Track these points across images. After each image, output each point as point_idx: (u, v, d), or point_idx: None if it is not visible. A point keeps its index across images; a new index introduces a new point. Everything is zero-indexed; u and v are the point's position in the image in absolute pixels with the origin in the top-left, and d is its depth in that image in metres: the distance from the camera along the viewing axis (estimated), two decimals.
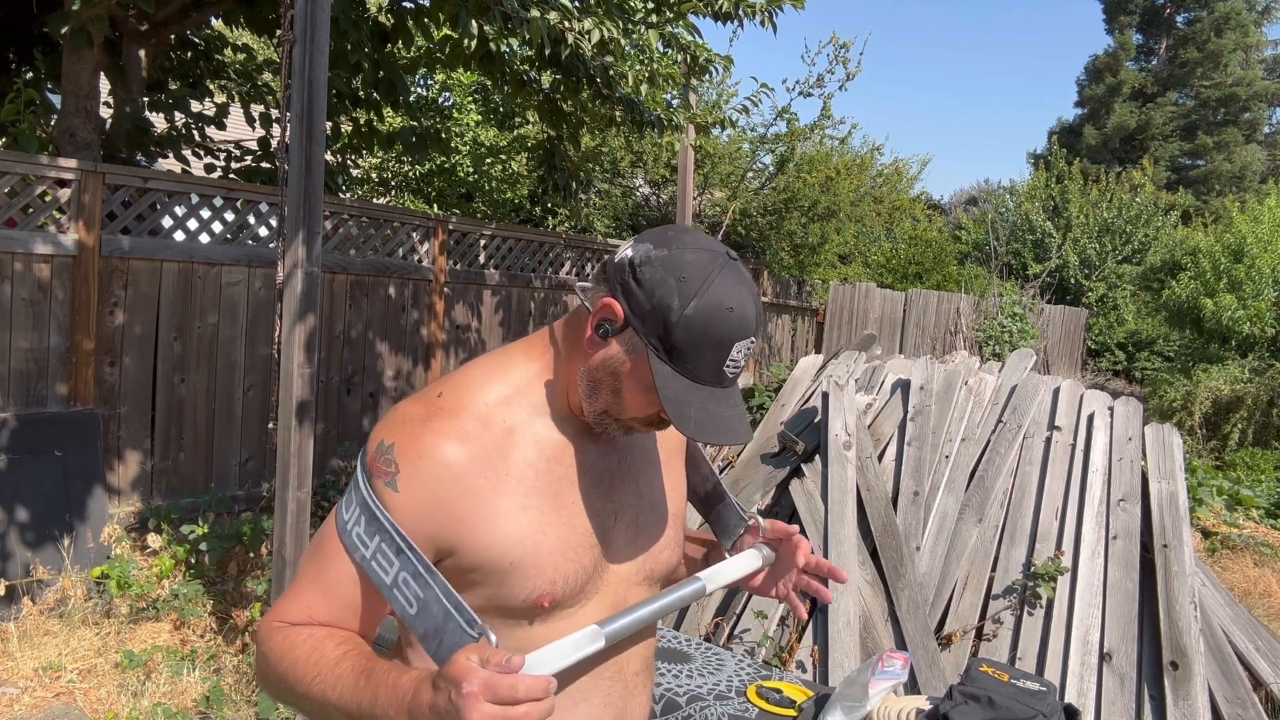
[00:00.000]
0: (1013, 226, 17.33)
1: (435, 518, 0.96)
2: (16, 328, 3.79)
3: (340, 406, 5.22)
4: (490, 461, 0.98)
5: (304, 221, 2.90)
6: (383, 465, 0.97)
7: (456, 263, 5.90)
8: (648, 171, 9.91)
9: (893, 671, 1.90)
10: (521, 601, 0.99)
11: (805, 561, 1.16)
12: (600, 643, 0.95)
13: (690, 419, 0.93)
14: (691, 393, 0.94)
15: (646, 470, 1.14)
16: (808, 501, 3.58)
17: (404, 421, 0.99)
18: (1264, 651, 3.20)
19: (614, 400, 0.99)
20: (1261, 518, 6.53)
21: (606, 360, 0.98)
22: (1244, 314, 10.77)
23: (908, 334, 11.73)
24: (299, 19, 2.83)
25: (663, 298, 0.93)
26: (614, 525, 1.08)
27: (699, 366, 0.94)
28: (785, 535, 1.18)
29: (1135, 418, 3.70)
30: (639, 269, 0.95)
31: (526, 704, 0.77)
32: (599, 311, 0.97)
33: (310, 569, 1.01)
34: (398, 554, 0.93)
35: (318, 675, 0.92)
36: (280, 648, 0.96)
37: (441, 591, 0.91)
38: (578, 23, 4.13)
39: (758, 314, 0.97)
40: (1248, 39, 25.08)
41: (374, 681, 0.87)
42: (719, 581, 1.15)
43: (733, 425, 0.96)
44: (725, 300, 0.93)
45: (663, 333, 0.93)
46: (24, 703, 2.96)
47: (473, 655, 0.79)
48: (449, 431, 0.97)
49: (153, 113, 5.10)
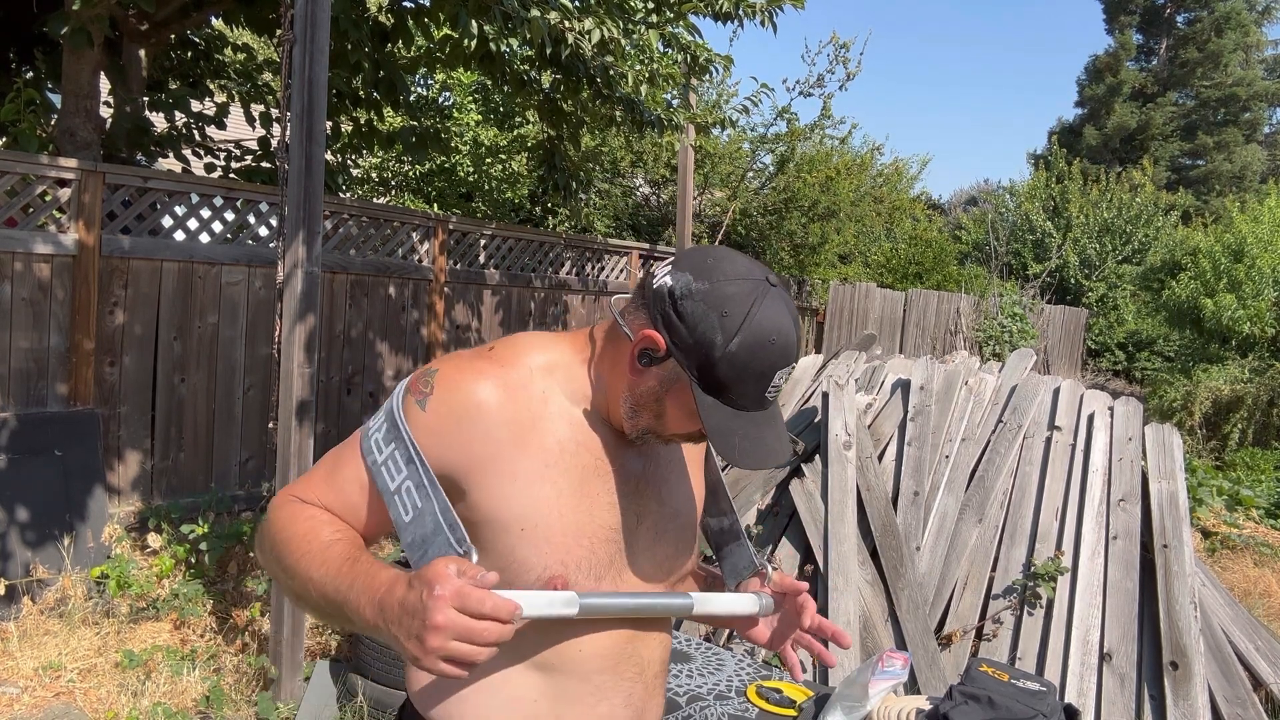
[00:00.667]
0: (1013, 226, 17.33)
1: (453, 448, 0.97)
2: (16, 327, 3.79)
3: (340, 406, 5.22)
4: (520, 420, 0.99)
5: (304, 221, 2.90)
6: (420, 385, 1.00)
7: (456, 263, 5.90)
8: (648, 171, 9.91)
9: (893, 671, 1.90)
10: (534, 580, 0.99)
11: (810, 623, 1.14)
12: (573, 609, 0.95)
13: (735, 447, 0.95)
14: (735, 421, 0.96)
15: (670, 478, 1.14)
16: (808, 501, 3.58)
17: (454, 357, 1.03)
18: (1264, 651, 3.20)
19: (656, 422, 1.01)
20: (1261, 518, 6.53)
21: (650, 389, 0.99)
22: (1244, 314, 10.77)
23: (908, 334, 11.73)
24: (299, 19, 2.83)
25: (705, 333, 0.93)
26: (636, 527, 1.08)
27: (741, 396, 0.95)
28: (792, 591, 1.16)
29: (1135, 418, 3.70)
30: (680, 302, 0.95)
31: (489, 621, 0.80)
32: (640, 341, 0.98)
33: (326, 463, 1.05)
34: (407, 463, 0.96)
35: (308, 550, 0.94)
36: (285, 517, 1.00)
37: (439, 506, 0.93)
38: (578, 22, 4.13)
39: (799, 336, 0.98)
40: (1248, 39, 25.07)
41: (356, 569, 0.90)
42: (707, 609, 1.13)
43: (775, 448, 0.98)
44: (768, 333, 0.93)
45: (706, 367, 0.94)
46: (24, 702, 2.96)
47: (451, 565, 0.81)
48: (491, 374, 1.00)
49: (153, 112, 5.10)
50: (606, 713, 1.07)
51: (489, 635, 0.80)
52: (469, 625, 0.79)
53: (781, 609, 1.18)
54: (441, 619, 0.78)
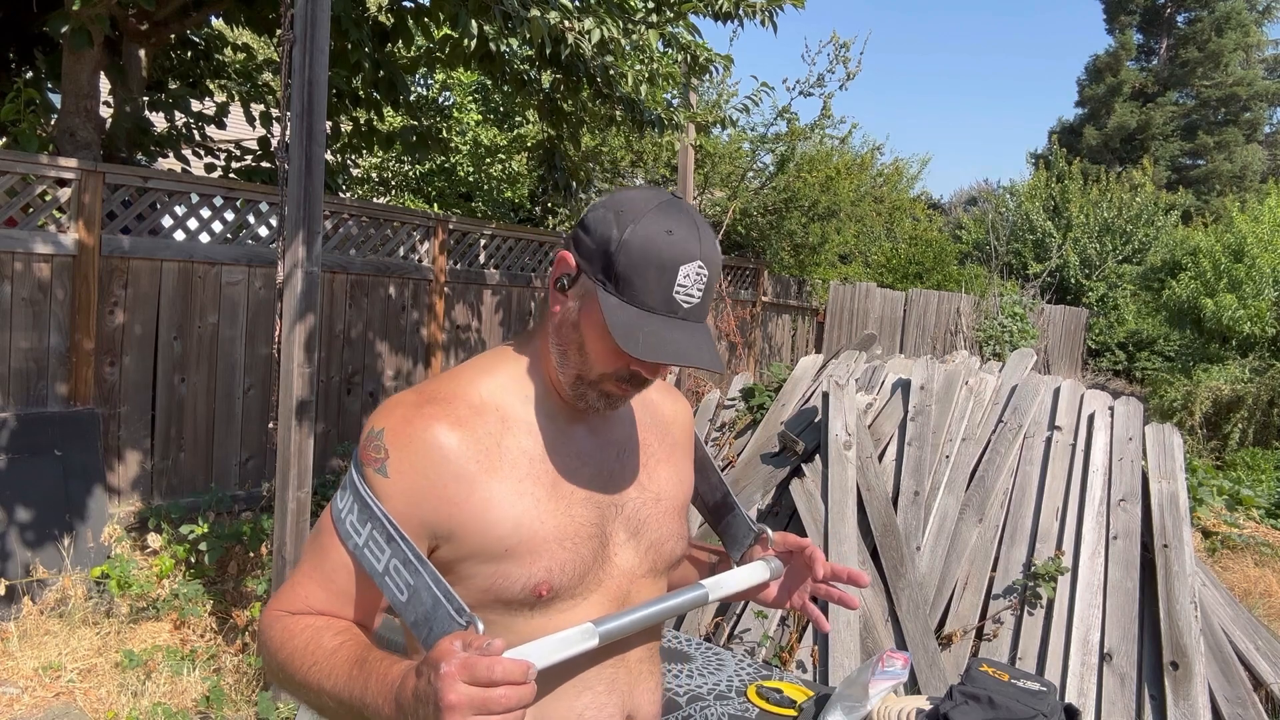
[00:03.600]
0: (1013, 226, 17.31)
1: (427, 501, 0.96)
2: (16, 327, 3.79)
3: (340, 406, 5.22)
4: (483, 446, 0.98)
5: (304, 221, 2.90)
6: (372, 452, 0.97)
7: (456, 262, 5.90)
8: (648, 171, 9.90)
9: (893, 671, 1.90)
10: (519, 591, 0.98)
11: (823, 571, 1.14)
12: (593, 641, 0.94)
13: (638, 341, 0.92)
14: (641, 319, 0.94)
15: (648, 463, 1.13)
16: (808, 501, 3.58)
17: (394, 407, 1.00)
18: (1264, 651, 3.19)
19: (581, 358, 0.99)
20: (1262, 518, 6.53)
21: (566, 313, 1.00)
22: (1244, 314, 10.77)
23: (908, 334, 11.72)
24: (299, 18, 2.82)
25: (603, 232, 0.95)
26: (616, 517, 1.07)
27: (645, 293, 0.94)
28: (796, 548, 1.16)
29: (1136, 417, 3.70)
30: (585, 218, 0.99)
31: (504, 686, 0.77)
32: (555, 267, 1.01)
33: (308, 559, 1.01)
34: (388, 541, 0.93)
35: (314, 664, 0.93)
36: (280, 637, 0.97)
37: (430, 579, 0.91)
38: (578, 22, 4.13)
39: (706, 244, 0.96)
40: (1248, 39, 25.06)
41: (366, 670, 0.88)
42: (723, 591, 1.13)
43: (687, 350, 0.94)
44: (663, 224, 0.94)
45: (606, 264, 0.95)
46: (24, 702, 2.96)
47: (456, 640, 0.80)
48: (440, 415, 0.98)
49: (153, 112, 5.10)
50: (590, 701, 1.06)
51: (508, 701, 0.77)
52: (484, 696, 0.77)
53: (790, 566, 1.18)
54: (454, 697, 0.76)
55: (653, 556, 1.11)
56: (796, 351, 10.83)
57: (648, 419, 1.17)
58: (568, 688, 1.04)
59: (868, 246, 13.83)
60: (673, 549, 1.14)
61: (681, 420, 1.22)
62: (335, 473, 4.85)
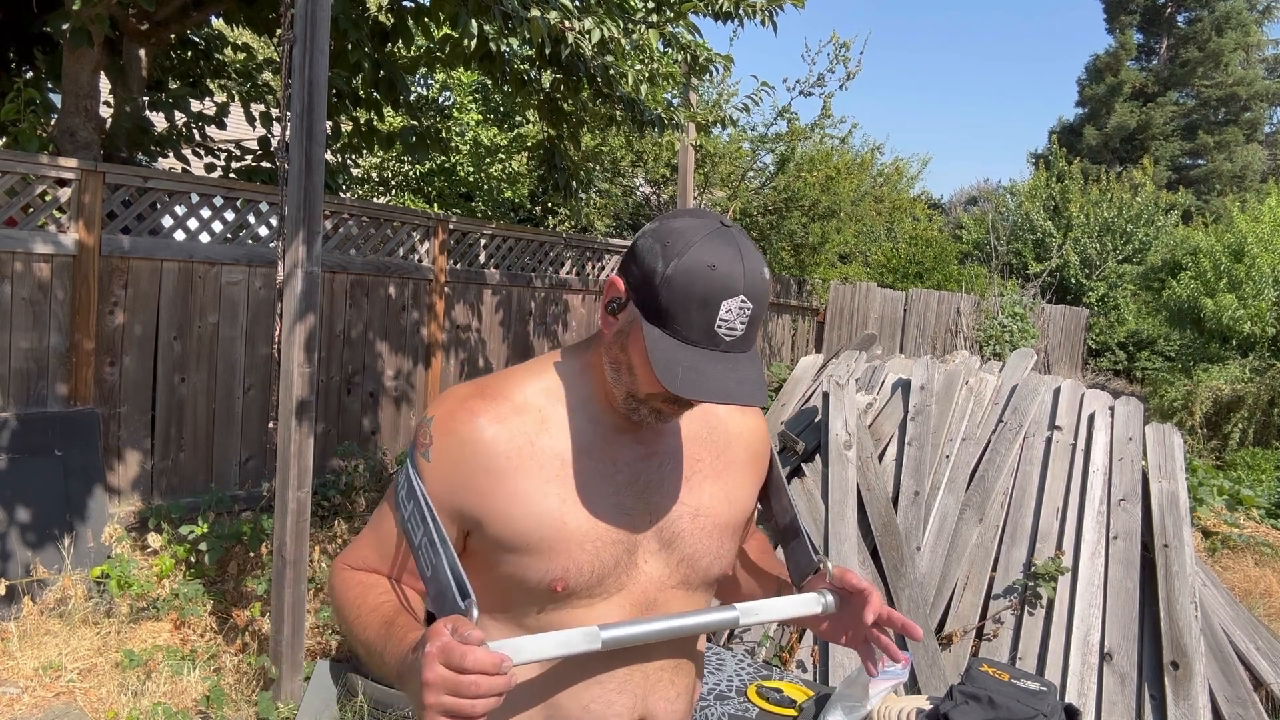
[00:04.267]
0: (1013, 226, 17.31)
1: (460, 490, 1.03)
2: (16, 327, 3.79)
3: (340, 406, 5.22)
4: (516, 444, 1.03)
5: (304, 221, 2.90)
6: (422, 437, 1.06)
7: (456, 262, 5.89)
8: (648, 171, 9.91)
9: (893, 671, 1.90)
10: (536, 584, 1.03)
11: (875, 617, 1.11)
12: (596, 645, 0.96)
13: (677, 376, 0.92)
14: (680, 352, 0.94)
15: (692, 478, 1.12)
16: (808, 501, 3.58)
17: (447, 398, 1.07)
18: (1264, 651, 3.19)
19: (630, 378, 1.01)
20: (1262, 517, 6.53)
21: (616, 336, 1.01)
22: (1244, 313, 10.77)
23: (908, 334, 11.72)
24: (299, 18, 2.82)
25: (649, 264, 0.96)
26: (649, 526, 1.07)
27: (687, 326, 0.94)
28: (854, 589, 1.12)
29: (1136, 417, 3.70)
30: (636, 243, 1.00)
31: (476, 674, 0.82)
32: (606, 290, 1.03)
33: (372, 521, 1.14)
34: (423, 520, 1.01)
35: (358, 616, 1.04)
36: (339, 586, 1.11)
37: (447, 560, 0.96)
38: (578, 22, 4.13)
39: (751, 276, 0.95)
40: (1248, 38, 25.05)
41: (391, 630, 0.98)
42: (760, 616, 1.09)
43: (727, 386, 0.94)
44: (707, 259, 0.93)
45: (650, 296, 0.95)
46: (24, 702, 2.96)
47: (449, 624, 0.85)
48: (481, 410, 1.04)
49: (153, 112, 5.10)
50: (598, 695, 1.07)
51: (476, 688, 0.82)
52: (456, 680, 0.82)
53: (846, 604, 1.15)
54: (430, 675, 0.82)
55: (684, 570, 1.10)
56: (796, 351, 10.82)
57: (703, 433, 1.15)
58: (578, 679, 1.06)
59: (868, 246, 13.84)
60: (708, 566, 1.13)
61: (747, 438, 1.20)
62: (335, 473, 4.85)
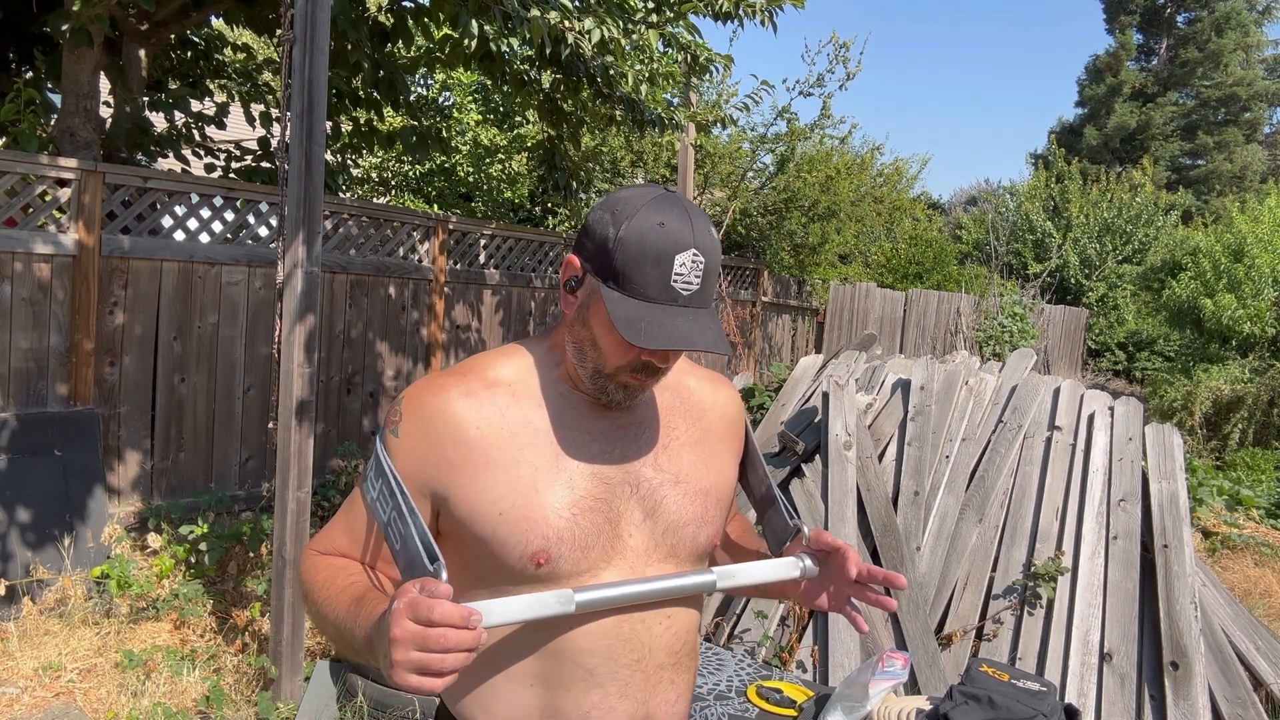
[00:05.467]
0: (1013, 226, 17.31)
1: (429, 461, 1.04)
2: (16, 328, 3.79)
3: (340, 406, 5.22)
4: (486, 415, 1.05)
5: (304, 221, 2.90)
6: (392, 415, 1.08)
7: (456, 262, 5.90)
8: (648, 171, 9.90)
9: (893, 671, 1.90)
10: (517, 559, 1.02)
11: (857, 573, 1.12)
12: (570, 607, 0.96)
13: (641, 331, 0.96)
14: (642, 309, 0.97)
15: (670, 445, 1.13)
16: (808, 501, 3.58)
17: (420, 381, 1.11)
18: (1264, 651, 3.19)
19: (596, 353, 1.03)
20: (1262, 518, 6.53)
21: (578, 311, 1.04)
22: (1244, 314, 10.77)
23: (908, 334, 11.72)
24: (299, 18, 2.82)
25: (601, 232, 1.00)
26: (630, 496, 1.08)
27: (645, 285, 0.97)
28: (832, 548, 1.13)
29: (1136, 418, 3.70)
30: (587, 220, 1.04)
31: (444, 627, 0.83)
32: (563, 270, 1.06)
33: (343, 508, 1.15)
34: (391, 496, 1.02)
35: (327, 598, 1.04)
36: (308, 571, 1.11)
37: (416, 529, 0.97)
38: (578, 22, 4.13)
39: (700, 231, 0.99)
40: (1248, 39, 25.05)
41: (360, 606, 0.98)
42: (737, 580, 1.10)
43: (690, 334, 0.97)
44: (655, 218, 0.98)
45: (606, 262, 0.99)
46: (24, 702, 2.96)
47: (416, 584, 0.86)
48: (451, 386, 1.07)
49: (153, 112, 5.09)
50: (599, 700, 1.05)
51: (445, 641, 0.82)
52: (424, 633, 0.82)
53: (824, 566, 1.16)
54: (398, 631, 0.83)
55: (670, 540, 1.10)
56: (796, 351, 10.83)
57: (676, 403, 1.17)
58: (579, 683, 1.05)
59: (868, 246, 13.83)
60: (694, 534, 1.12)
61: (721, 408, 1.22)
62: (335, 473, 4.85)
